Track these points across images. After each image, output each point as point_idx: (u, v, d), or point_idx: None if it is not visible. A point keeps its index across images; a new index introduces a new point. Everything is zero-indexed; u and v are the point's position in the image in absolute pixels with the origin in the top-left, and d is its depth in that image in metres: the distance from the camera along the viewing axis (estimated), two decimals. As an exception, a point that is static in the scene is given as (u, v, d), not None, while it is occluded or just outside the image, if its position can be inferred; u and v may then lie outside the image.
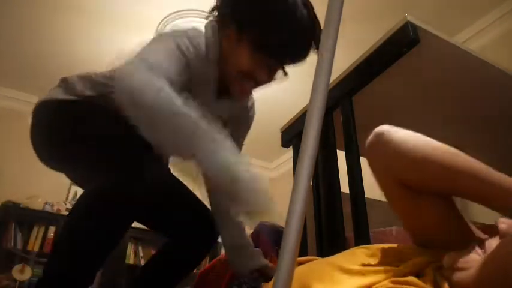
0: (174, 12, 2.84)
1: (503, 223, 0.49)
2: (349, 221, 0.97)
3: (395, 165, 0.56)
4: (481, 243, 0.50)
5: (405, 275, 0.47)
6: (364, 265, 0.52)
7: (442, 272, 0.48)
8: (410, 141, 0.55)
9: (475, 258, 0.47)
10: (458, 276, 0.46)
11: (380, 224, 1.24)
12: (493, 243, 0.48)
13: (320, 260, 0.65)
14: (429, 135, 0.62)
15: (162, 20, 2.90)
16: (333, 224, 1.06)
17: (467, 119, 1.28)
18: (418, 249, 0.56)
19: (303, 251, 1.20)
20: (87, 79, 1.07)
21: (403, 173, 0.56)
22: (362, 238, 0.92)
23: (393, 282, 0.45)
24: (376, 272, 0.49)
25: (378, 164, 0.59)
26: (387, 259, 0.53)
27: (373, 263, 0.53)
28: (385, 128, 0.58)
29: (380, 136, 0.57)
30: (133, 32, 3.00)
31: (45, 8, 2.80)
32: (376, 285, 0.46)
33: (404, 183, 0.56)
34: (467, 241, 0.54)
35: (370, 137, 0.59)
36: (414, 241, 0.64)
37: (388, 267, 0.49)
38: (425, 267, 0.49)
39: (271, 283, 0.74)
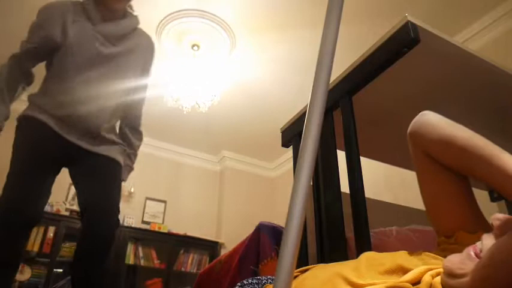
0: (174, 12, 2.84)
1: (498, 219, 0.48)
2: (349, 221, 0.97)
3: (425, 137, 0.65)
4: (479, 243, 0.49)
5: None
6: (366, 278, 0.52)
7: (439, 279, 0.48)
8: (442, 120, 0.65)
9: (470, 262, 0.47)
10: (453, 283, 0.46)
11: (380, 224, 1.24)
12: (488, 243, 0.48)
13: (325, 266, 0.65)
14: None
15: (162, 20, 2.90)
16: (333, 224, 1.06)
17: (467, 118, 1.27)
18: (421, 260, 0.55)
19: (303, 251, 1.20)
20: None
21: (430, 145, 0.64)
22: (362, 238, 0.91)
23: None
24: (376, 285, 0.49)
25: (414, 136, 0.68)
26: (390, 272, 0.53)
27: (375, 275, 0.53)
28: (426, 111, 0.69)
29: (422, 114, 0.69)
30: (133, 32, 3.00)
31: (45, 8, 2.80)
32: None
33: (430, 155, 0.65)
34: (481, 228, 0.57)
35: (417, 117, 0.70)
36: (429, 218, 0.66)
37: (389, 282, 0.49)
38: (423, 275, 0.49)
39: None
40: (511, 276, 0.41)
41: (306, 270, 0.66)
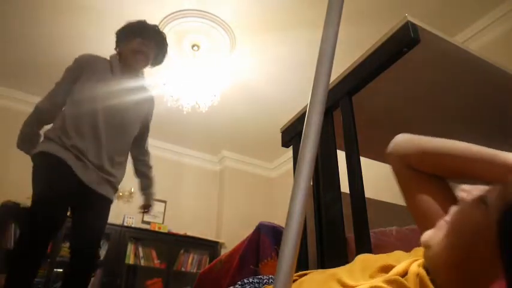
0: (174, 12, 2.84)
1: (463, 190, 0.50)
2: (349, 221, 0.97)
3: (403, 151, 0.68)
4: (448, 214, 0.50)
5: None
6: (359, 279, 0.53)
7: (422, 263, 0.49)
8: (415, 136, 0.69)
9: (440, 232, 0.49)
10: (427, 254, 0.49)
11: (380, 224, 1.24)
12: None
13: (323, 270, 0.66)
14: (429, 134, 0.67)
15: (162, 20, 2.90)
16: (333, 224, 1.06)
17: (467, 118, 1.28)
18: (412, 255, 0.56)
19: (303, 251, 1.19)
20: None
21: (410, 157, 0.67)
22: (362, 238, 0.91)
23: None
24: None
25: (393, 154, 0.71)
26: (381, 271, 0.53)
27: (366, 277, 0.54)
28: (399, 134, 0.72)
29: (395, 137, 0.72)
30: (133, 32, 3.00)
31: (45, 8, 2.80)
32: None
33: (410, 166, 0.67)
34: None
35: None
36: (417, 224, 0.67)
37: (379, 279, 0.50)
38: (410, 266, 0.50)
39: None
40: (471, 242, 0.43)
41: (304, 275, 0.66)
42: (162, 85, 3.16)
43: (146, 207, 2.08)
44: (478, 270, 0.41)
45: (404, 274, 0.49)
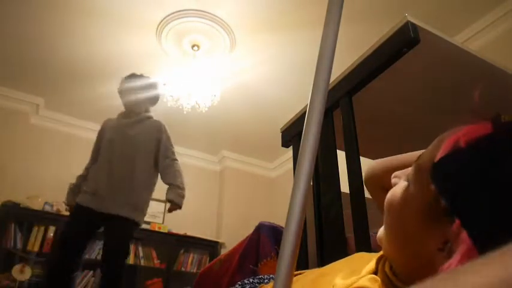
0: (174, 12, 2.84)
1: (395, 177, 0.51)
2: (349, 221, 0.97)
3: (375, 175, 0.70)
4: None
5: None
6: (351, 277, 0.53)
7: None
8: (383, 159, 0.71)
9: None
10: (383, 248, 0.50)
11: (380, 224, 1.24)
12: None
13: (319, 269, 0.66)
14: (429, 134, 0.65)
15: (162, 20, 2.90)
16: (333, 224, 1.06)
17: (467, 118, 1.27)
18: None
19: (303, 251, 1.20)
20: None
21: (381, 178, 0.68)
22: (362, 238, 0.91)
23: None
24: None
25: (368, 181, 0.72)
26: (358, 271, 0.54)
27: (349, 276, 0.54)
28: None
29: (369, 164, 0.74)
30: (134, 32, 3.00)
31: (45, 9, 2.80)
32: None
33: (385, 188, 0.66)
34: None
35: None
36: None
37: (353, 278, 0.50)
38: (379, 263, 0.51)
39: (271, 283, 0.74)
40: (401, 219, 0.44)
41: (298, 274, 0.67)
42: (162, 85, 3.16)
43: (169, 210, 2.43)
44: (417, 244, 0.42)
45: (376, 271, 0.51)
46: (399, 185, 0.47)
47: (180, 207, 2.34)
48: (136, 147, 2.26)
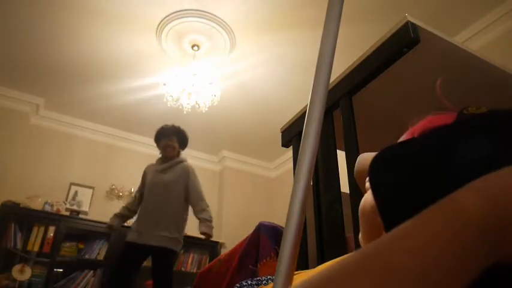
0: (174, 12, 2.84)
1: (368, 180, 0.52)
2: (349, 221, 0.97)
3: (362, 168, 0.70)
4: None
5: None
6: None
7: None
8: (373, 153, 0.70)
9: None
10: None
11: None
12: None
13: (310, 270, 0.67)
14: None
15: (162, 20, 2.90)
16: (333, 224, 1.06)
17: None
18: None
19: (303, 251, 1.20)
20: None
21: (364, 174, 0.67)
22: (362, 238, 0.91)
23: None
24: None
25: (356, 175, 0.72)
26: None
27: None
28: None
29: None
30: (134, 32, 3.00)
31: (45, 8, 2.80)
32: None
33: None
34: None
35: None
36: None
37: None
38: None
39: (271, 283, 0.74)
40: (364, 221, 0.45)
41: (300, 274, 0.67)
42: (162, 85, 3.16)
43: (205, 239, 2.82)
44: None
45: None
46: (370, 191, 0.47)
47: (211, 237, 2.76)
48: (170, 190, 2.71)
